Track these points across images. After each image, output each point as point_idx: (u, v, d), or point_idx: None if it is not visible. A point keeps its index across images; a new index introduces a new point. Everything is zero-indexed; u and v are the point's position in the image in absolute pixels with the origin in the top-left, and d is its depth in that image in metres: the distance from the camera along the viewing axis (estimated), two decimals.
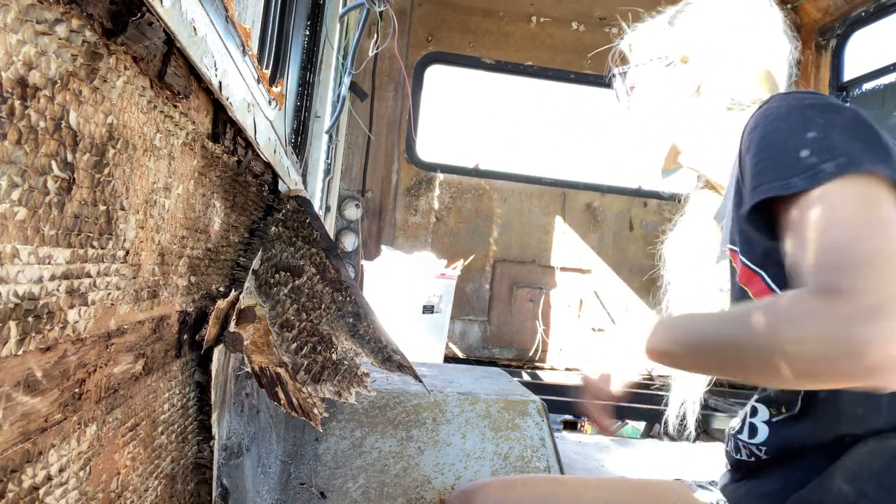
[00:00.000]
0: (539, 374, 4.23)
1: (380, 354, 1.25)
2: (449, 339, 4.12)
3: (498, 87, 8.06)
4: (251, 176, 1.06)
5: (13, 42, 0.38)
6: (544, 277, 4.43)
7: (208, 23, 0.65)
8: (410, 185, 4.37)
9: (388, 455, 1.63)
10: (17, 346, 0.43)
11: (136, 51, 0.52)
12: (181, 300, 0.85)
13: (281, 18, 1.59)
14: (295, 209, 1.23)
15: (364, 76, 3.99)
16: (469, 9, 4.36)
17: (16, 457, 0.45)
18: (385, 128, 4.30)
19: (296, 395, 1.17)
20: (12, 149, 0.40)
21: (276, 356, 1.16)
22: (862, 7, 3.55)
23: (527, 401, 1.76)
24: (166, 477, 0.85)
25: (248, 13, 1.18)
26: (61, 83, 0.44)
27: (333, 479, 1.58)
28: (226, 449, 1.19)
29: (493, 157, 8.26)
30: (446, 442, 1.65)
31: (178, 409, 0.90)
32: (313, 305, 1.21)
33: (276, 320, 1.19)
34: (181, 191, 0.76)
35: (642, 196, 4.56)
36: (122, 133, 0.56)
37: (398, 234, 4.34)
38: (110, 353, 0.61)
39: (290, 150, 1.71)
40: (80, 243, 0.51)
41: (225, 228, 1.01)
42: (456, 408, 1.71)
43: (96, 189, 0.53)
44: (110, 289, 0.59)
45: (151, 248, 0.69)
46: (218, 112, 0.80)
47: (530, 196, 4.46)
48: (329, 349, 1.21)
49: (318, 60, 2.20)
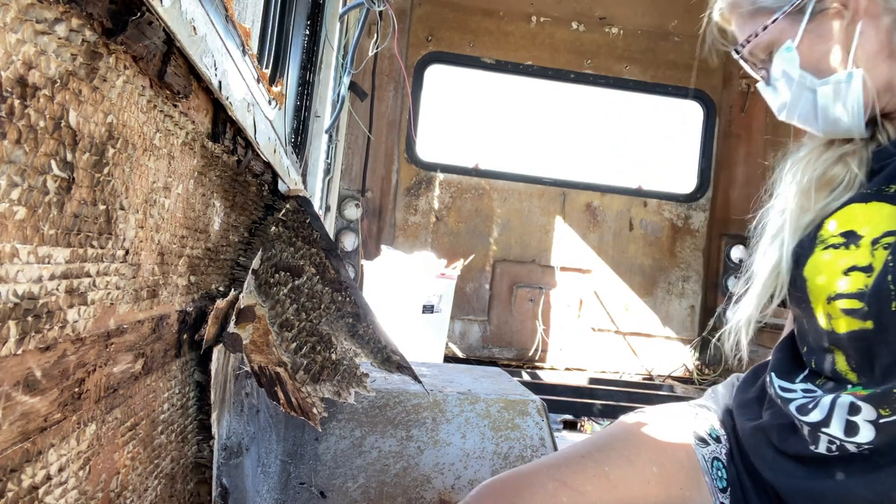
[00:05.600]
0: (539, 374, 4.23)
1: (379, 355, 1.25)
2: (449, 339, 4.12)
3: (498, 87, 8.09)
4: (251, 175, 1.06)
5: (13, 41, 0.38)
6: (544, 277, 4.43)
7: (208, 22, 0.65)
8: (410, 184, 4.37)
9: (388, 455, 1.63)
10: (16, 346, 0.43)
11: (135, 50, 0.52)
12: (181, 300, 0.85)
13: (281, 18, 1.59)
14: (295, 209, 1.23)
15: (364, 76, 3.99)
16: (469, 8, 4.36)
17: (15, 456, 0.45)
18: (385, 127, 4.30)
19: (295, 394, 1.17)
20: (12, 148, 0.40)
21: (276, 356, 1.16)
22: None
23: (527, 400, 1.76)
24: (166, 476, 0.85)
25: (248, 13, 1.18)
26: (61, 82, 0.44)
27: (333, 479, 1.58)
28: (225, 449, 1.19)
29: (493, 156, 8.26)
30: (446, 442, 1.65)
31: (178, 408, 0.90)
32: (313, 305, 1.21)
33: (275, 320, 1.19)
34: (181, 190, 0.76)
35: (642, 196, 4.56)
36: (121, 132, 0.56)
37: (398, 234, 4.34)
38: (110, 353, 0.61)
39: (290, 150, 1.71)
40: (79, 243, 0.51)
41: (225, 228, 1.01)
42: (456, 407, 1.71)
43: (96, 188, 0.53)
44: (110, 288, 0.59)
45: (151, 247, 0.69)
46: (218, 111, 0.80)
47: (530, 196, 4.46)
48: (328, 349, 1.21)
49: (318, 60, 2.20)
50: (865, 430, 0.79)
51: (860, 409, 0.80)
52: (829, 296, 0.83)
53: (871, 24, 0.86)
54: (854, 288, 0.80)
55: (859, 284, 0.80)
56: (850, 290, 0.81)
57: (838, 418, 0.81)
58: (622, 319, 4.45)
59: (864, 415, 0.80)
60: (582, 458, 0.94)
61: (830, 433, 0.82)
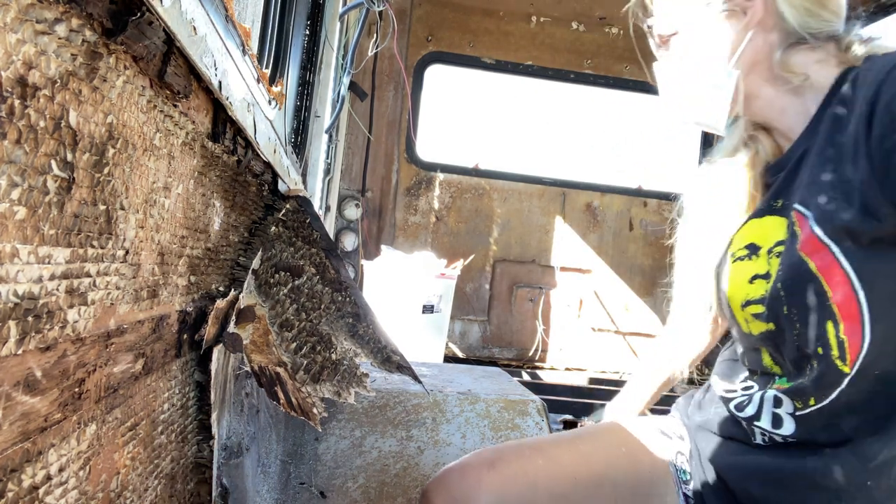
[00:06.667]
0: (539, 374, 4.23)
1: (379, 355, 1.25)
2: (449, 339, 4.11)
3: (498, 87, 8.06)
4: (251, 175, 1.06)
5: (13, 41, 0.38)
6: (544, 277, 4.43)
7: (208, 22, 0.65)
8: (410, 184, 4.36)
9: (388, 455, 1.63)
10: (16, 346, 0.43)
11: (135, 50, 0.52)
12: (181, 300, 0.85)
13: (281, 18, 1.59)
14: (295, 209, 1.23)
15: (364, 76, 3.99)
16: (469, 8, 4.36)
17: (15, 456, 0.45)
18: (385, 127, 4.30)
19: (295, 394, 1.17)
20: (12, 148, 0.40)
21: (276, 356, 1.16)
22: (862, 7, 3.55)
23: (527, 400, 1.77)
24: (166, 476, 0.85)
25: (248, 13, 1.18)
26: (61, 82, 0.44)
27: (333, 479, 1.58)
28: (226, 449, 1.20)
29: (493, 156, 8.25)
30: (446, 442, 1.65)
31: (178, 408, 0.90)
32: (313, 305, 1.21)
33: (275, 320, 1.19)
34: (181, 190, 0.76)
35: (642, 196, 4.56)
36: (121, 132, 0.56)
37: (398, 234, 4.33)
38: (110, 353, 0.61)
39: (290, 150, 1.71)
40: (79, 243, 0.51)
41: (225, 228, 1.01)
42: (456, 407, 1.71)
43: (96, 188, 0.53)
44: (110, 288, 0.59)
45: (151, 247, 0.69)
46: (218, 111, 0.80)
47: (530, 196, 4.46)
48: (328, 349, 1.21)
49: (318, 60, 2.20)
50: (788, 422, 0.87)
51: (782, 402, 0.88)
52: (742, 303, 0.92)
53: (760, 35, 0.92)
54: (757, 294, 0.89)
55: (761, 291, 0.88)
56: (754, 296, 0.90)
57: (767, 412, 0.90)
58: (622, 319, 4.45)
59: (785, 408, 0.88)
60: (559, 437, 1.07)
61: (762, 426, 0.90)
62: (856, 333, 0.78)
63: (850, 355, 0.79)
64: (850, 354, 0.79)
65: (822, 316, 0.80)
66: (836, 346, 0.80)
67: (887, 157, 0.74)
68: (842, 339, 0.79)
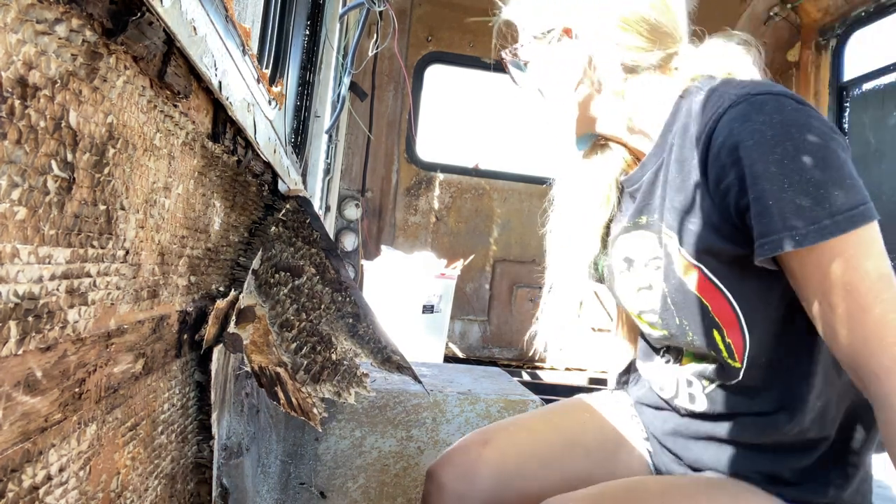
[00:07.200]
0: (539, 374, 4.23)
1: (379, 355, 1.25)
2: (449, 339, 4.11)
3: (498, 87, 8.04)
4: (251, 175, 1.06)
5: (13, 42, 0.38)
6: (544, 277, 4.43)
7: (208, 22, 0.65)
8: (410, 184, 4.36)
9: (388, 455, 1.63)
10: (17, 346, 0.43)
11: (136, 50, 0.52)
12: (181, 300, 0.85)
13: (281, 18, 1.59)
14: (295, 209, 1.23)
15: (364, 76, 3.99)
16: (469, 8, 4.36)
17: (16, 456, 0.45)
18: (385, 127, 4.30)
19: (295, 394, 1.17)
20: (12, 148, 0.40)
21: (276, 356, 1.16)
22: (862, 7, 3.55)
23: (527, 400, 1.76)
24: (166, 477, 0.85)
25: (248, 13, 1.18)
26: (61, 83, 0.44)
27: (333, 479, 1.58)
28: (226, 449, 1.20)
29: (493, 156, 8.22)
30: (446, 442, 1.65)
31: (178, 408, 0.90)
32: (313, 305, 1.21)
33: (275, 320, 1.19)
34: (181, 190, 0.76)
35: None
36: (121, 133, 0.56)
37: (398, 234, 4.33)
38: (110, 353, 0.61)
39: (290, 150, 1.71)
40: (80, 243, 0.51)
41: (225, 228, 1.01)
42: (456, 408, 1.71)
43: (96, 189, 0.53)
44: (110, 288, 0.59)
45: (151, 247, 0.69)
46: (218, 112, 0.81)
47: (530, 196, 4.46)
48: (329, 349, 1.21)
49: (318, 60, 2.20)
50: (700, 399, 0.96)
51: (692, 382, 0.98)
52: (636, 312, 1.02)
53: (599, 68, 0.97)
54: (647, 305, 0.98)
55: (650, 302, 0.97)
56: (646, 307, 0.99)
57: (683, 391, 0.99)
58: None
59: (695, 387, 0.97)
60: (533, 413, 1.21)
61: (680, 404, 1.00)
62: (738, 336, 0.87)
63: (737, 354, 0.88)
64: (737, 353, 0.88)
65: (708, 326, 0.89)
66: (724, 348, 0.89)
67: (723, 197, 0.80)
68: (728, 342, 0.88)
